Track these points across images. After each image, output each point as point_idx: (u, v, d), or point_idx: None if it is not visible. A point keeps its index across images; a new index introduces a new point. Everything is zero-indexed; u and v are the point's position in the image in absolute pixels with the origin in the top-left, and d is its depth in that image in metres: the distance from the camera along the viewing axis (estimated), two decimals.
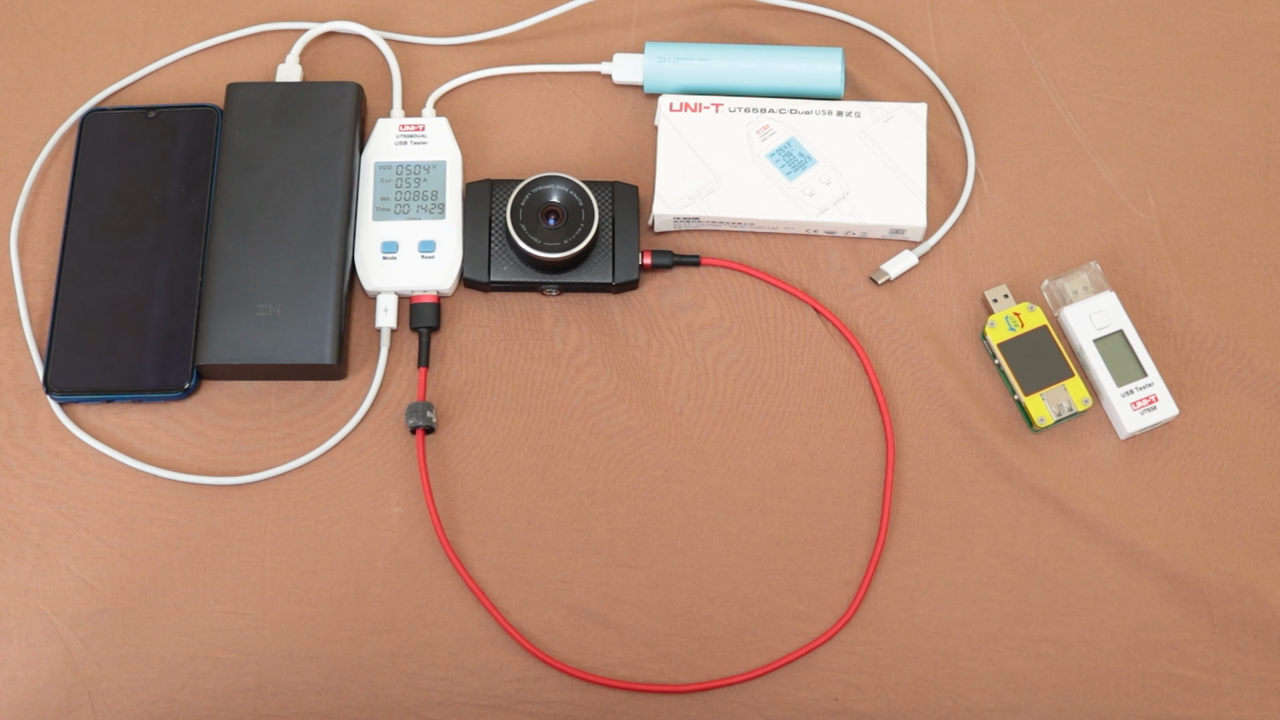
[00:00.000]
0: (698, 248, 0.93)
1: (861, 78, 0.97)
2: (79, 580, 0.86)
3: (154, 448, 0.89)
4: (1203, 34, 0.98)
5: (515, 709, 0.85)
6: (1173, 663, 0.85)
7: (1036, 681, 0.85)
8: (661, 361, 0.91)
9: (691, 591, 0.87)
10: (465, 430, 0.89)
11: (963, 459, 0.89)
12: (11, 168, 0.95)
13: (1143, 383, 0.89)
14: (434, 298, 0.91)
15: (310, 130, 0.92)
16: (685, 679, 0.85)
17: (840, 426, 0.90)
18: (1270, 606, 0.86)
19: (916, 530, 0.88)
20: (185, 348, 0.89)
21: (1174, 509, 0.88)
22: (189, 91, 0.97)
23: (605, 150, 0.96)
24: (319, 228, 0.90)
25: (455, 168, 0.93)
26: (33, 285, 0.92)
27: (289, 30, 0.98)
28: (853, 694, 0.85)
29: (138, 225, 0.91)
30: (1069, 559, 0.87)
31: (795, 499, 0.88)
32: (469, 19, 0.99)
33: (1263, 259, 0.93)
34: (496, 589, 0.87)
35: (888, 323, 0.91)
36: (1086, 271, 0.91)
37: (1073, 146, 0.96)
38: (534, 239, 0.89)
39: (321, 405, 0.90)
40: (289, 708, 0.85)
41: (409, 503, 0.88)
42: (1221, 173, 0.95)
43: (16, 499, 0.88)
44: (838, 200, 0.92)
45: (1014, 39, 0.98)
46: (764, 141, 0.93)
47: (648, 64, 0.95)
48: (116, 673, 0.85)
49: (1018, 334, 0.90)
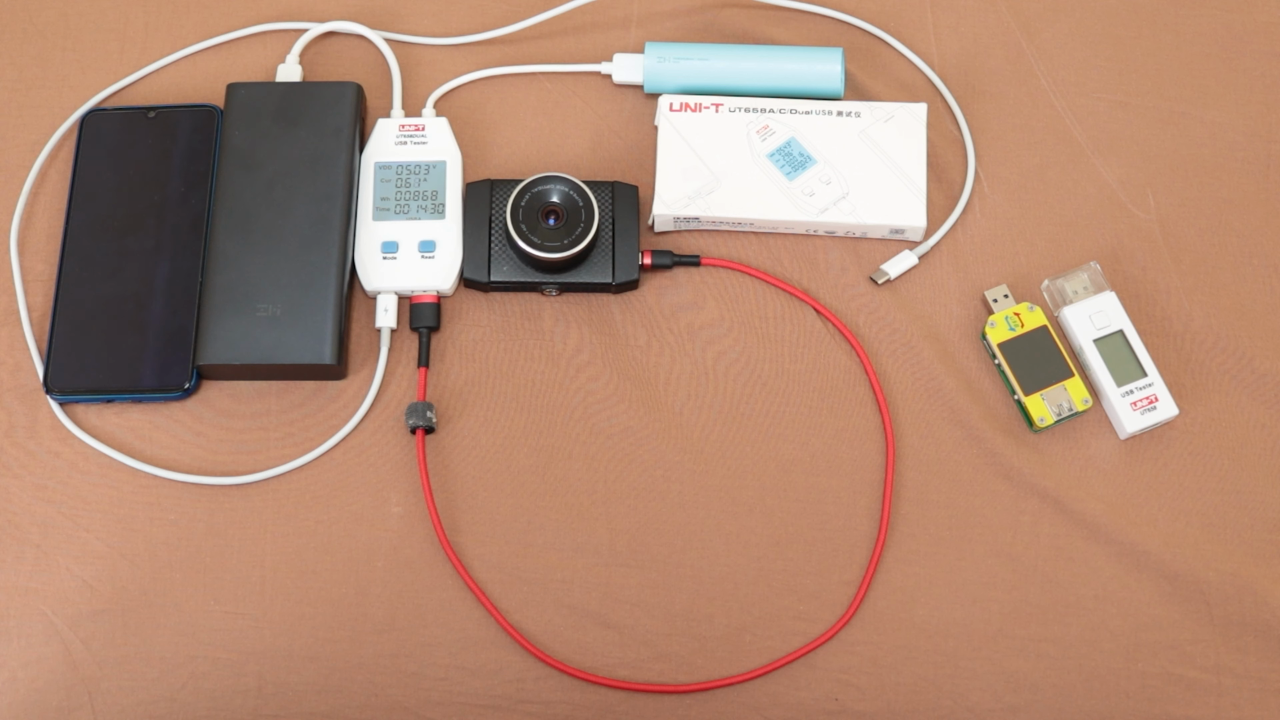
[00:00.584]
0: (698, 248, 0.93)
1: (861, 78, 0.97)
2: (79, 580, 0.86)
3: (154, 448, 0.89)
4: (1203, 34, 0.98)
5: (515, 709, 0.85)
6: (1173, 663, 0.85)
7: (1036, 681, 0.85)
8: (661, 361, 0.91)
9: (691, 591, 0.87)
10: (465, 430, 0.89)
11: (963, 459, 0.89)
12: (11, 168, 0.95)
13: (1143, 383, 0.89)
14: (434, 298, 0.91)
15: (310, 130, 0.92)
16: (685, 679, 0.85)
17: (840, 426, 0.90)
18: (1270, 606, 0.86)
19: (916, 530, 0.88)
20: (185, 348, 0.89)
21: (1174, 509, 0.88)
22: (189, 91, 0.97)
23: (605, 150, 0.96)
24: (319, 228, 0.90)
25: (455, 168, 0.93)
26: (33, 285, 0.92)
27: (289, 30, 0.98)
28: (853, 694, 0.85)
29: (138, 225, 0.91)
30: (1069, 559, 0.87)
31: (795, 499, 0.88)
32: (469, 19, 0.99)
33: (1263, 259, 0.93)
34: (496, 589, 0.87)
35: (888, 323, 0.91)
36: (1086, 271, 0.91)
37: (1073, 146, 0.96)
38: (534, 239, 0.89)
39: (321, 405, 0.90)
40: (289, 708, 0.85)
41: (409, 503, 0.88)
42: (1221, 173, 0.95)
43: (16, 499, 0.88)
44: (838, 200, 0.91)
45: (1014, 39, 0.98)
46: (764, 141, 0.93)
47: (648, 64, 0.95)
48: (116, 673, 0.85)
49: (1018, 334, 0.90)
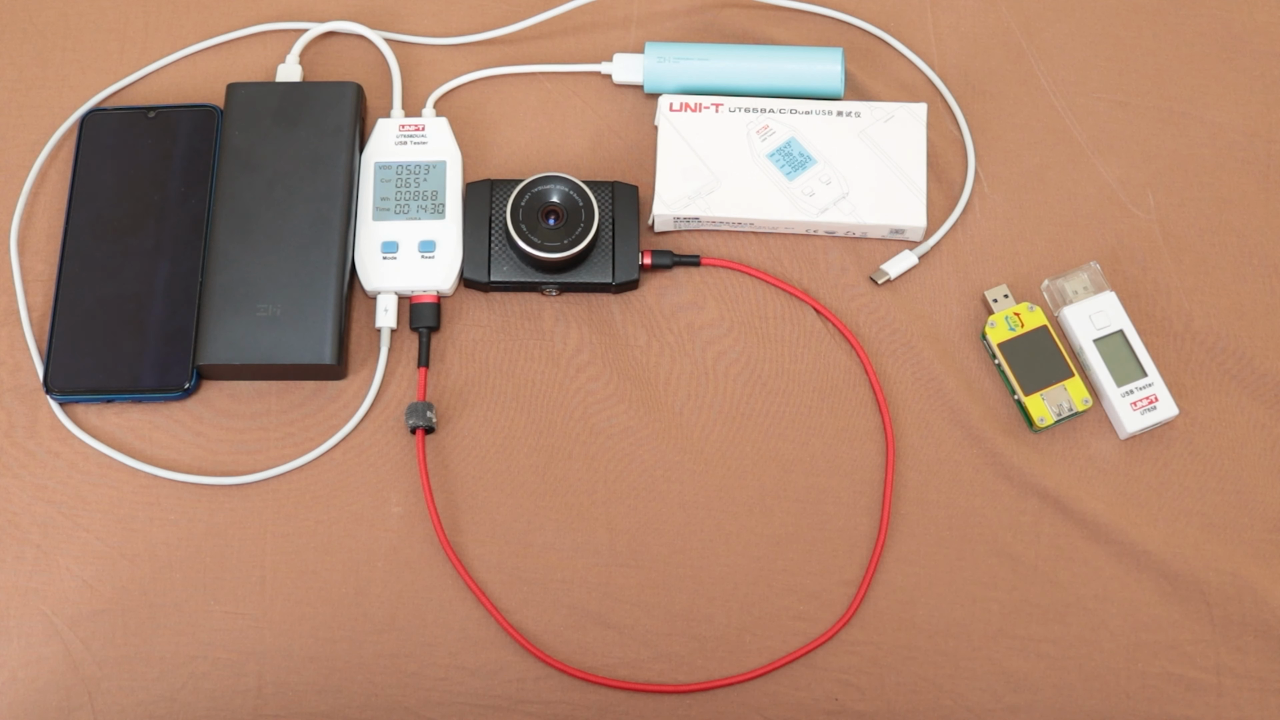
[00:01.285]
0: (698, 248, 0.93)
1: (861, 78, 0.97)
2: (79, 580, 0.86)
3: (154, 448, 0.89)
4: (1203, 34, 0.98)
5: (515, 709, 0.85)
6: (1173, 663, 0.85)
7: (1036, 681, 0.85)
8: (661, 361, 0.91)
9: (691, 591, 0.87)
10: (465, 430, 0.89)
11: (963, 459, 0.89)
12: (11, 168, 0.95)
13: (1143, 383, 0.89)
14: (434, 298, 0.91)
15: (310, 130, 0.92)
16: (685, 679, 0.85)
17: (840, 426, 0.90)
18: (1270, 606, 0.86)
19: (916, 530, 0.88)
20: (185, 348, 0.89)
21: (1174, 509, 0.88)
22: (189, 91, 0.97)
23: (605, 150, 0.96)
24: (319, 228, 0.90)
25: (455, 168, 0.93)
26: (33, 285, 0.92)
27: (289, 30, 0.98)
28: (853, 694, 0.85)
29: (138, 225, 0.91)
30: (1069, 559, 0.87)
31: (795, 499, 0.88)
32: (469, 19, 0.99)
33: (1263, 259, 0.93)
34: (496, 589, 0.87)
35: (888, 323, 0.91)
36: (1086, 271, 0.91)
37: (1073, 146, 0.96)
38: (534, 239, 0.89)
39: (321, 405, 0.90)
40: (289, 708, 0.85)
41: (409, 503, 0.88)
42: (1221, 173, 0.95)
43: (16, 499, 0.88)
44: (838, 200, 0.91)
45: (1014, 39, 0.98)
46: (764, 141, 0.93)
47: (648, 64, 0.95)
48: (116, 673, 0.85)
49: (1018, 334, 0.90)
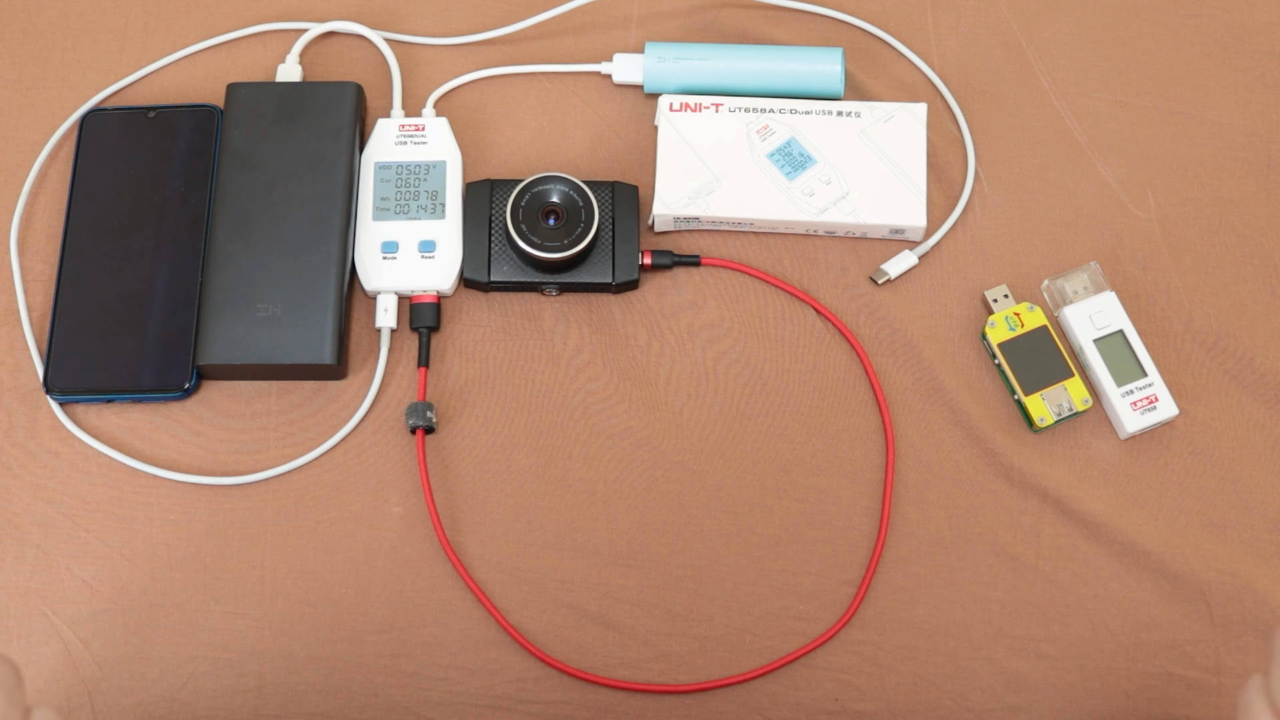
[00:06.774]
0: (698, 248, 0.93)
1: (861, 78, 0.97)
2: (79, 580, 0.86)
3: (154, 448, 0.89)
4: (1203, 34, 0.98)
5: (515, 709, 0.85)
6: (1173, 663, 0.85)
7: (1036, 681, 0.85)
8: (661, 361, 0.91)
9: (691, 591, 0.87)
10: (465, 430, 0.89)
11: (963, 459, 0.89)
12: (11, 168, 0.95)
13: (1143, 383, 0.89)
14: (434, 298, 0.91)
15: (310, 130, 0.92)
16: (685, 679, 0.85)
17: (840, 426, 0.90)
18: (1270, 606, 0.86)
19: (916, 530, 0.88)
20: (185, 348, 0.89)
21: (1174, 509, 0.88)
22: (189, 91, 0.97)
23: (605, 150, 0.96)
24: (319, 228, 0.90)
25: (455, 168, 0.93)
26: (33, 285, 0.92)
27: (289, 30, 0.98)
28: (853, 694, 0.85)
29: (138, 225, 0.91)
30: (1069, 559, 0.87)
31: (795, 499, 0.88)
32: (469, 19, 0.99)
33: (1263, 259, 0.93)
34: (496, 589, 0.87)
35: (888, 323, 0.91)
36: (1086, 271, 0.91)
37: (1073, 146, 0.96)
38: (534, 239, 0.89)
39: (321, 405, 0.90)
40: (289, 708, 0.85)
41: (409, 503, 0.88)
42: (1221, 173, 0.95)
43: (16, 499, 0.88)
44: (838, 200, 0.91)
45: (1014, 39, 0.98)
46: (764, 141, 0.93)
47: (648, 64, 0.95)
48: (116, 673, 0.85)
49: (1018, 334, 0.90)
